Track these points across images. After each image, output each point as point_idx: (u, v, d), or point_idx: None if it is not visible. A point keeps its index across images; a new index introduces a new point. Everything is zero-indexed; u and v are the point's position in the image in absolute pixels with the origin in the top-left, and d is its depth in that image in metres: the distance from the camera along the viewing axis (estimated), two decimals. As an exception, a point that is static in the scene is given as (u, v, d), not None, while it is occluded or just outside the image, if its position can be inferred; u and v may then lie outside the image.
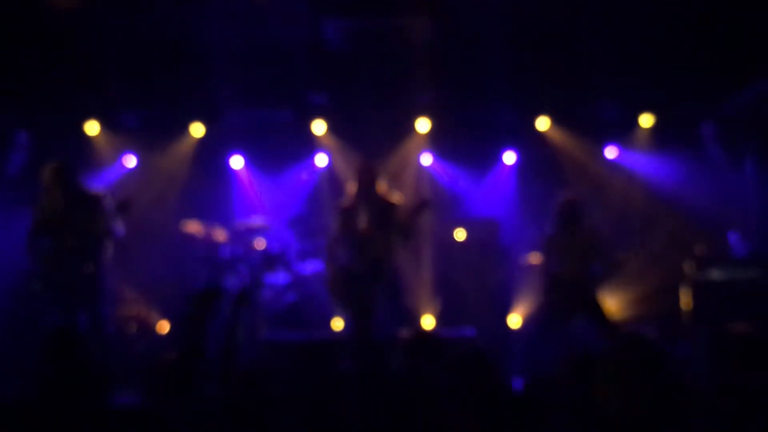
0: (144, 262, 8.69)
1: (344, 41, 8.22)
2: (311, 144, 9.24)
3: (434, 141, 9.21)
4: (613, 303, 8.08)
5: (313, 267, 8.40)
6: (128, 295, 8.43)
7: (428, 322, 8.55)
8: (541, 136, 9.14)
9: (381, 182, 7.12)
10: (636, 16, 7.56)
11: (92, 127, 9.01)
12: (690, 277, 7.82)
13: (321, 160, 9.29)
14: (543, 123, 9.10)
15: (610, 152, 9.18)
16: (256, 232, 8.35)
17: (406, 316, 7.06)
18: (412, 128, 9.12)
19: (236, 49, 8.11)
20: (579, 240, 7.18)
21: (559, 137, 9.12)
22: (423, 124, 9.10)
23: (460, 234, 8.99)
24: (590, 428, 3.60)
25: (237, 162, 9.29)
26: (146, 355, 7.69)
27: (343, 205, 7.13)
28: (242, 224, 8.45)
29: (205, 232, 8.29)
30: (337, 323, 8.20)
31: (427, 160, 9.29)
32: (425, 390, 3.92)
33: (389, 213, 6.97)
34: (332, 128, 9.15)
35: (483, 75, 8.36)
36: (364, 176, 7.05)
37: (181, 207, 8.85)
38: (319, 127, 9.14)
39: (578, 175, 8.84)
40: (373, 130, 8.94)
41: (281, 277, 8.40)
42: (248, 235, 8.34)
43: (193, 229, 8.28)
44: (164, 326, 8.49)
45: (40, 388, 3.78)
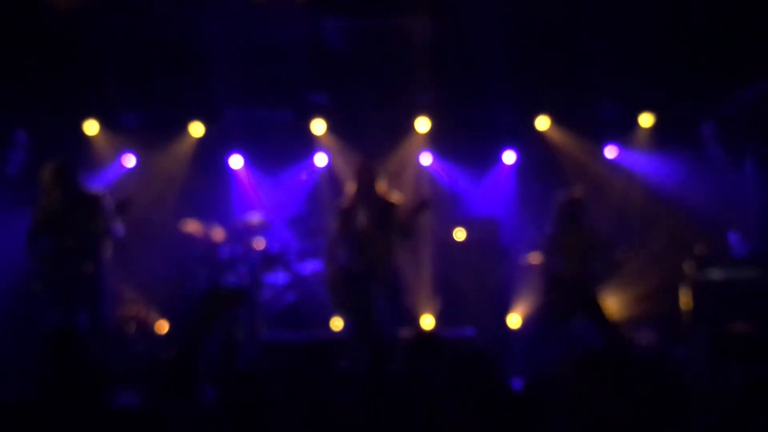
0: (143, 262, 8.67)
1: (344, 41, 8.21)
2: (311, 144, 9.23)
3: (434, 141, 9.20)
4: (613, 303, 8.07)
5: (312, 267, 8.40)
6: (128, 294, 8.42)
7: (428, 321, 8.55)
8: (540, 135, 9.14)
9: (380, 182, 7.11)
10: (636, 16, 7.55)
11: (91, 127, 8.99)
12: (690, 277, 7.82)
13: (320, 159, 9.27)
14: (543, 123, 9.09)
15: (609, 152, 9.18)
16: (255, 232, 8.34)
17: (406, 316, 7.05)
18: (411, 128, 9.11)
19: (236, 48, 8.10)
20: (580, 239, 7.16)
21: (559, 137, 9.12)
22: (423, 124, 9.09)
23: (459, 234, 8.99)
24: (590, 428, 3.60)
25: (236, 162, 9.28)
26: (146, 355, 7.70)
27: (342, 205, 7.11)
28: (241, 222, 8.44)
29: (205, 232, 8.29)
30: (337, 323, 8.20)
31: (426, 159, 9.28)
32: (425, 390, 3.91)
33: (389, 213, 6.96)
34: (332, 128, 9.14)
35: (483, 75, 8.36)
36: (364, 176, 7.04)
37: (181, 207, 8.84)
38: (319, 126, 9.13)
39: (578, 175, 8.83)
40: (373, 129, 8.93)
41: (281, 277, 8.39)
42: (247, 234, 8.33)
43: (192, 229, 8.27)
44: (163, 326, 8.49)
45: (40, 388, 3.77)
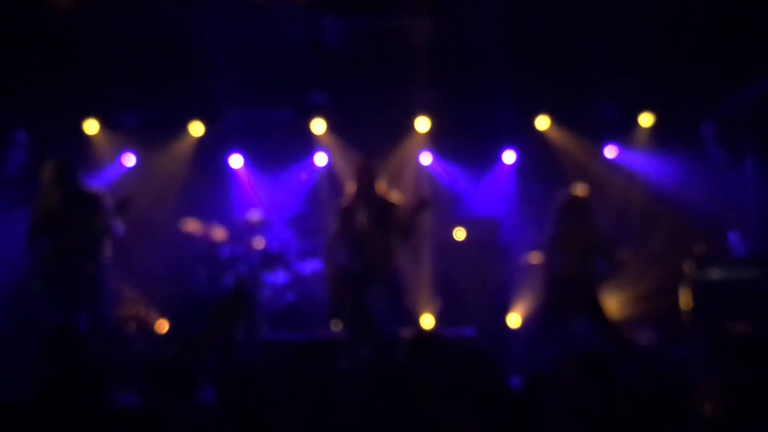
0: (143, 262, 8.68)
1: (344, 41, 8.21)
2: (311, 143, 9.23)
3: (434, 140, 9.20)
4: (613, 303, 8.07)
5: (312, 266, 8.39)
6: (127, 294, 8.42)
7: (428, 321, 8.55)
8: (540, 135, 9.13)
9: (380, 182, 7.11)
10: (636, 16, 7.55)
11: (91, 126, 8.99)
12: (690, 276, 7.82)
13: (320, 159, 9.27)
14: (543, 122, 9.09)
15: (609, 152, 9.18)
16: (255, 231, 8.34)
17: (406, 316, 7.05)
18: (411, 128, 9.11)
19: (236, 48, 8.10)
20: (582, 238, 7.12)
21: (558, 137, 9.11)
22: (422, 124, 9.09)
23: (459, 233, 8.99)
24: (590, 428, 3.60)
25: (236, 161, 9.28)
26: (146, 355, 7.69)
27: (342, 205, 7.11)
28: (241, 221, 8.44)
29: (205, 232, 8.29)
30: (337, 323, 8.19)
31: (426, 159, 9.28)
32: (425, 390, 3.91)
33: (389, 213, 6.95)
34: (332, 128, 9.14)
35: (483, 75, 8.35)
36: (364, 176, 7.04)
37: (181, 206, 8.84)
38: (319, 126, 9.13)
39: (578, 175, 8.82)
40: (373, 129, 8.92)
41: (280, 277, 8.39)
42: (247, 234, 8.33)
43: (192, 228, 8.27)
44: (163, 325, 8.49)
45: (40, 388, 3.76)
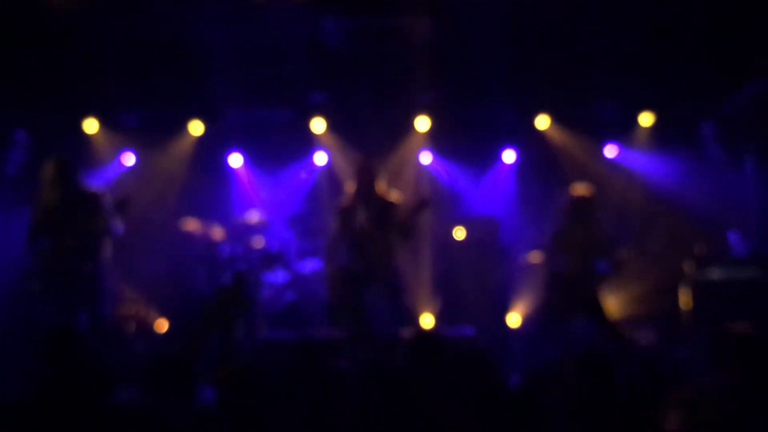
0: (143, 261, 8.68)
1: (344, 41, 8.20)
2: (310, 143, 9.23)
3: (434, 140, 9.20)
4: (613, 302, 8.06)
5: (312, 266, 8.39)
6: (127, 293, 8.42)
7: (428, 321, 8.55)
8: (540, 135, 9.13)
9: (380, 181, 7.11)
10: (636, 16, 7.55)
11: (91, 126, 8.99)
12: (689, 276, 7.82)
13: (320, 158, 9.27)
14: (543, 122, 9.09)
15: (609, 151, 9.17)
16: (254, 230, 8.34)
17: (406, 316, 7.05)
18: (411, 127, 9.11)
19: (236, 48, 8.10)
20: (584, 238, 7.09)
21: (558, 136, 9.11)
22: (422, 123, 9.09)
23: (459, 233, 8.99)
24: (590, 428, 3.60)
25: (236, 160, 9.27)
26: (145, 354, 7.69)
27: (342, 205, 7.11)
28: (240, 221, 8.44)
29: (204, 231, 8.29)
30: (337, 322, 8.18)
31: (426, 158, 9.28)
32: (425, 389, 3.91)
33: (388, 212, 6.95)
34: (332, 127, 9.14)
35: (483, 74, 8.35)
36: (364, 176, 7.03)
37: (180, 205, 8.84)
38: (319, 125, 9.13)
39: (578, 175, 8.81)
40: (373, 128, 8.92)
41: (280, 276, 8.39)
42: (247, 233, 8.33)
43: (192, 228, 8.27)
44: (163, 325, 8.49)
45: (40, 388, 3.76)
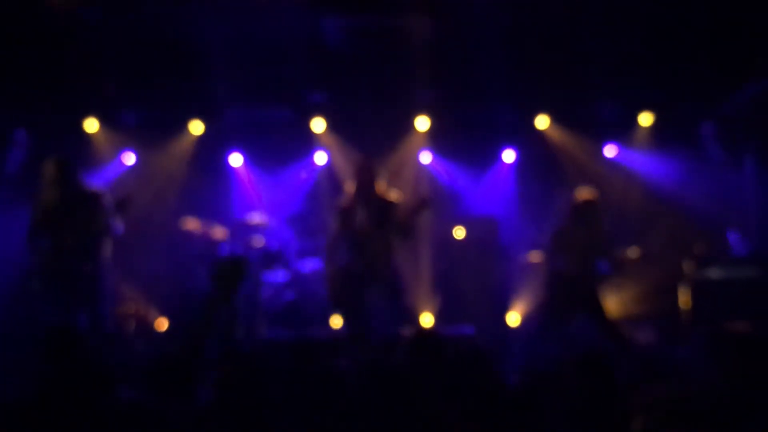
0: (143, 260, 8.69)
1: (344, 40, 8.20)
2: (310, 142, 9.23)
3: (434, 139, 9.21)
4: (613, 302, 8.07)
5: (312, 265, 8.39)
6: (127, 293, 8.42)
7: (427, 320, 8.55)
8: (540, 134, 9.13)
9: (380, 181, 7.11)
10: (636, 16, 7.55)
11: (91, 125, 8.99)
12: (689, 276, 7.82)
13: (320, 158, 9.28)
14: (542, 122, 9.09)
15: (609, 151, 9.18)
16: (254, 230, 8.35)
17: (406, 315, 7.05)
18: (411, 127, 9.12)
19: (235, 47, 8.10)
20: (583, 237, 7.10)
21: (558, 136, 9.12)
22: (422, 123, 9.09)
23: (459, 232, 9.00)
24: (590, 428, 3.60)
25: (236, 160, 9.28)
26: (145, 353, 7.69)
27: (342, 205, 7.10)
28: (241, 222, 8.45)
29: (204, 230, 8.29)
30: (336, 322, 8.20)
31: (426, 158, 9.28)
32: (425, 389, 3.91)
33: (388, 212, 6.95)
34: (332, 126, 9.14)
35: (483, 74, 8.35)
36: (363, 175, 7.03)
37: (180, 205, 8.85)
38: (319, 125, 9.13)
39: (578, 174, 8.83)
40: (373, 128, 8.92)
41: (280, 275, 8.39)
42: (247, 232, 8.33)
43: (192, 227, 8.27)
44: (163, 324, 8.49)
45: (40, 388, 3.77)
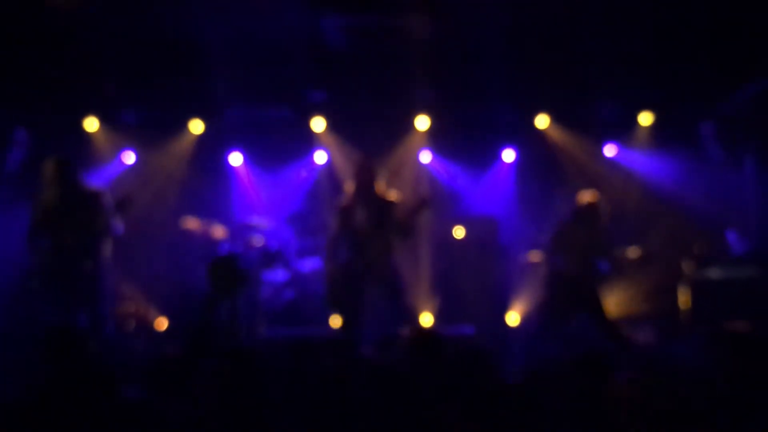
0: (143, 260, 8.69)
1: (344, 39, 8.20)
2: (310, 141, 9.24)
3: (434, 139, 9.21)
4: (613, 301, 8.07)
5: (311, 264, 8.40)
6: (127, 292, 8.43)
7: (427, 320, 8.55)
8: (540, 134, 9.14)
9: (380, 181, 7.11)
10: (636, 16, 7.55)
11: (91, 124, 9.00)
12: (689, 275, 7.84)
13: (320, 157, 9.28)
14: (542, 121, 9.09)
15: (609, 151, 9.18)
16: (254, 230, 8.35)
17: (406, 315, 7.05)
18: (411, 126, 9.12)
19: (235, 46, 8.10)
20: (587, 238, 7.10)
21: (558, 135, 9.12)
22: (422, 122, 9.09)
23: (459, 232, 9.00)
24: (590, 427, 3.61)
25: (236, 159, 9.28)
26: (145, 353, 7.70)
27: (341, 204, 7.11)
28: (242, 223, 8.46)
29: (204, 229, 8.29)
30: (336, 321, 8.20)
31: (426, 158, 9.29)
32: (425, 388, 3.92)
33: (388, 211, 6.95)
34: (331, 125, 9.15)
35: (483, 73, 8.35)
36: (363, 175, 7.03)
37: (180, 204, 8.85)
38: (319, 124, 9.13)
39: (577, 174, 8.83)
40: (373, 127, 8.92)
41: (280, 275, 8.40)
42: (247, 232, 8.34)
43: (191, 226, 8.28)
44: (163, 323, 8.50)
45: (41, 388, 3.77)
